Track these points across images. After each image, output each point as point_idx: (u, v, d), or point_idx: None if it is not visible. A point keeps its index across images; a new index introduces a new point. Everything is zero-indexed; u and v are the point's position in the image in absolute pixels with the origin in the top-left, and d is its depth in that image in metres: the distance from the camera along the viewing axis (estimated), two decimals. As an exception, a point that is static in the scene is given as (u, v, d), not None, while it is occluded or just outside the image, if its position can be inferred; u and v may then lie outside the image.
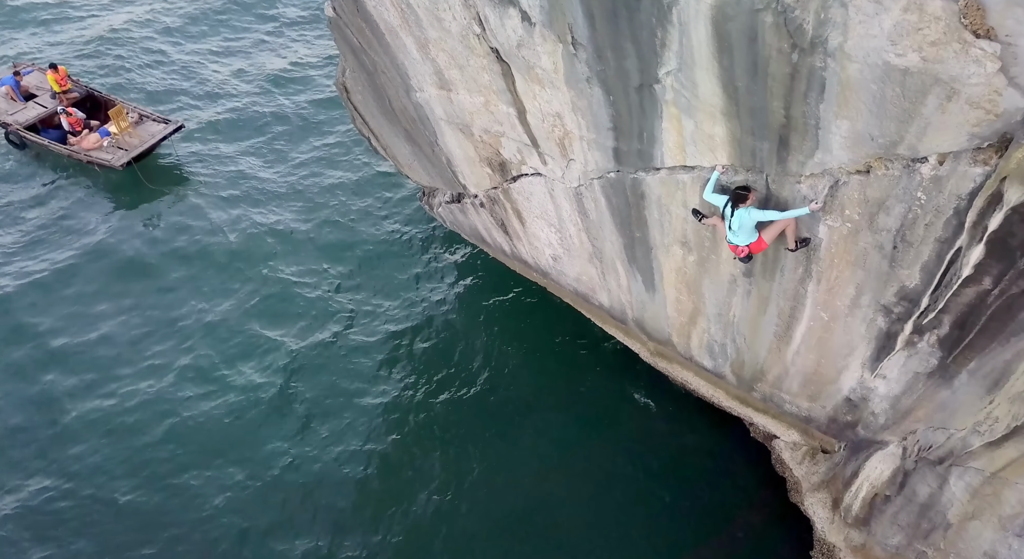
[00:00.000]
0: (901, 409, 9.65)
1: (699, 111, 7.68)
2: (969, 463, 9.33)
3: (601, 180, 10.04)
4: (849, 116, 6.25)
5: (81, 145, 19.86)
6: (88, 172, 20.22)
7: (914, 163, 6.27)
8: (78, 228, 18.92)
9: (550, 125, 9.84)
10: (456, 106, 11.06)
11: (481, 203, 13.56)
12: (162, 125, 20.43)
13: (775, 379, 11.36)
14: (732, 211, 8.09)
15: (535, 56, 8.68)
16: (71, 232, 18.80)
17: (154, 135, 20.08)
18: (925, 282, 7.35)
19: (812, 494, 12.56)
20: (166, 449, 14.43)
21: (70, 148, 19.84)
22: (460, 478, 14.14)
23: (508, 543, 13.29)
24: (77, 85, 21.35)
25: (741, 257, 8.85)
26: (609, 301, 13.22)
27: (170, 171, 20.66)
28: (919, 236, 6.88)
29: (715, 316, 11.09)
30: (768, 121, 7.03)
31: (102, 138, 19.84)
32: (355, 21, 10.89)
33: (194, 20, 26.29)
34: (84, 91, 21.32)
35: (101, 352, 16.16)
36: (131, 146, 19.70)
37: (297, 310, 17.14)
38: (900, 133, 6.03)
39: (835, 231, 7.74)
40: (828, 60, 5.89)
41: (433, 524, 13.58)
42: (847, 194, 7.15)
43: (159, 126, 20.41)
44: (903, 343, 8.38)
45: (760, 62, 6.40)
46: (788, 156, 7.28)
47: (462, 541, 13.38)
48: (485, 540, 13.35)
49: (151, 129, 20.31)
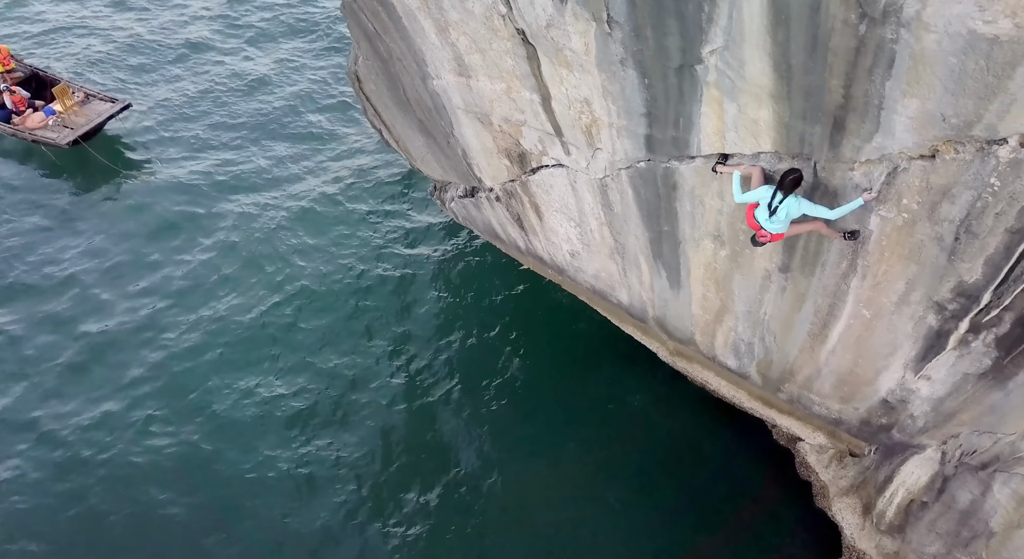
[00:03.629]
0: (944, 412, 9.19)
1: (744, 93, 7.19)
2: (1017, 469, 8.88)
3: (629, 170, 9.56)
4: (919, 94, 5.77)
5: (25, 124, 19.60)
6: (34, 152, 19.99)
7: (990, 145, 5.79)
8: (24, 207, 18.72)
9: (576, 112, 9.36)
10: (475, 94, 10.57)
11: (497, 197, 13.07)
12: (109, 104, 20.16)
13: (805, 380, 10.88)
14: (782, 198, 7.57)
15: (565, 37, 8.19)
16: (16, 211, 18.63)
17: (100, 114, 19.81)
18: (988, 277, 6.87)
19: (840, 499, 12.12)
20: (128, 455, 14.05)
21: (14, 128, 19.59)
22: (466, 474, 13.86)
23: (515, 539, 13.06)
24: (20, 64, 21.02)
25: (760, 242, 8.32)
26: (629, 299, 12.73)
27: (120, 149, 20.31)
28: (987, 227, 6.40)
29: (744, 314, 10.61)
30: (823, 102, 6.55)
31: (47, 117, 19.63)
32: (371, 4, 10.40)
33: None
34: (28, 70, 20.98)
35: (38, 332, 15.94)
36: (77, 125, 19.45)
37: (246, 288, 16.88)
38: (978, 112, 5.55)
39: (888, 222, 7.26)
40: (901, 31, 5.41)
41: (432, 518, 13.31)
42: (906, 182, 6.67)
43: (106, 105, 20.14)
44: (956, 342, 7.92)
45: (821, 36, 5.92)
46: (843, 140, 6.80)
47: (468, 536, 13.09)
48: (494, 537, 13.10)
49: (98, 108, 20.02)
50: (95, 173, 19.49)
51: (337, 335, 16.01)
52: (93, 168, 19.49)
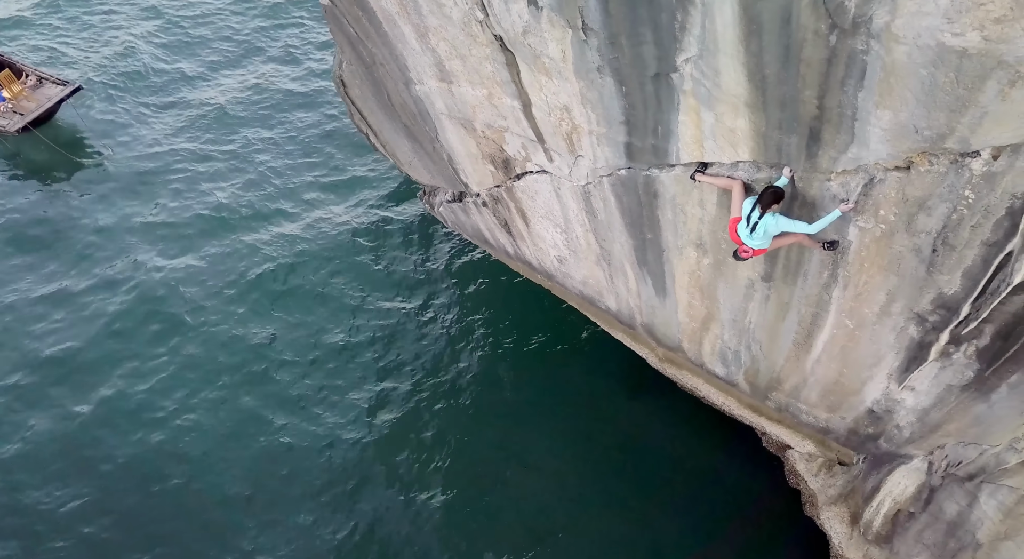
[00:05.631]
0: (930, 422, 9.07)
1: (720, 102, 7.08)
2: (1003, 481, 8.76)
3: (611, 178, 9.45)
4: (891, 106, 5.65)
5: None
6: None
7: (963, 158, 5.67)
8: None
9: (557, 119, 9.25)
10: (457, 99, 10.47)
11: (483, 202, 12.97)
12: (60, 88, 19.82)
13: (792, 388, 10.77)
14: (760, 214, 7.45)
15: (542, 44, 8.08)
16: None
17: (51, 98, 19.50)
18: (967, 289, 6.75)
19: (828, 508, 12.00)
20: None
21: None
22: (459, 481, 13.80)
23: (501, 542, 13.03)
24: None
25: (742, 257, 8.19)
26: (617, 305, 12.62)
27: (73, 134, 20.13)
28: (963, 239, 6.28)
29: (730, 322, 10.50)
30: (798, 113, 6.43)
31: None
32: (351, 9, 10.30)
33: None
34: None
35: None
36: (28, 110, 19.14)
37: (213, 286, 16.78)
38: (950, 124, 5.43)
39: (867, 233, 7.14)
40: (871, 42, 5.29)
41: (436, 526, 13.29)
42: (883, 193, 6.55)
43: (57, 89, 19.79)
44: (937, 354, 7.79)
45: (793, 46, 5.80)
46: (819, 151, 6.68)
47: (460, 543, 13.07)
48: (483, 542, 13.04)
49: (49, 92, 19.71)
50: (44, 158, 19.25)
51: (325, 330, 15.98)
52: (42, 153, 19.25)
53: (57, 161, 19.23)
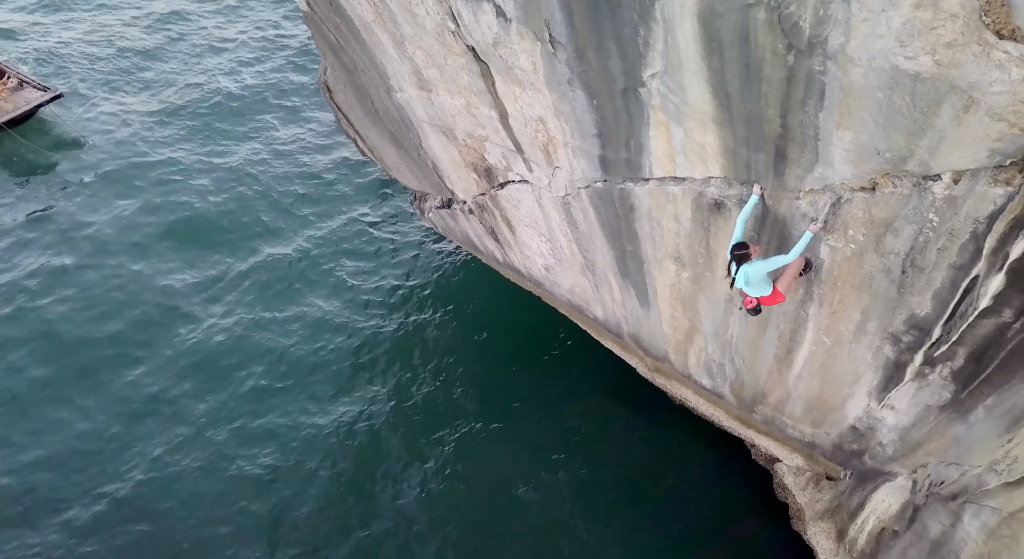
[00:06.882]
0: (911, 441, 8.90)
1: (689, 118, 6.94)
2: (985, 501, 8.56)
3: (588, 190, 9.31)
4: (852, 127, 5.49)
5: None
6: None
7: (925, 181, 5.50)
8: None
9: (533, 130, 9.12)
10: (437, 108, 10.37)
11: (470, 209, 12.86)
12: (40, 92, 19.90)
13: (777, 402, 10.61)
14: (736, 268, 7.33)
15: (513, 55, 7.96)
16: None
17: (29, 101, 19.61)
18: (937, 311, 6.58)
19: (816, 523, 11.81)
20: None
21: None
22: (449, 491, 13.65)
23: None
24: None
25: (749, 309, 7.99)
26: (604, 315, 12.50)
27: (54, 136, 20.13)
28: (931, 261, 6.11)
29: (712, 335, 10.35)
30: (763, 131, 6.28)
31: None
32: (330, 16, 10.22)
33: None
34: None
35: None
36: (4, 112, 19.28)
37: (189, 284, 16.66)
38: (910, 147, 5.27)
39: (838, 252, 6.98)
40: (828, 63, 5.14)
41: (431, 535, 13.14)
42: (851, 213, 6.39)
43: (37, 93, 19.87)
44: (913, 374, 7.63)
45: (753, 65, 5.66)
46: (786, 170, 6.53)
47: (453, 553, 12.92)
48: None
49: (29, 96, 19.80)
50: (18, 159, 19.33)
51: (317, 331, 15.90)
52: (17, 153, 19.35)
53: (36, 161, 19.30)
